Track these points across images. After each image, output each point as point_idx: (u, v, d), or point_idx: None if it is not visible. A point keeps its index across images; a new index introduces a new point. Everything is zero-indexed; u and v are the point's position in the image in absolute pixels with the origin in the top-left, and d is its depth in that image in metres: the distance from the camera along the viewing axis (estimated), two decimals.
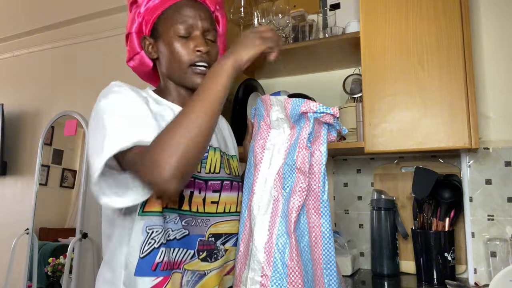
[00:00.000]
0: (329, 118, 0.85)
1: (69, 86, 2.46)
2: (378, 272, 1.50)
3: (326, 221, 0.86)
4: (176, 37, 0.92)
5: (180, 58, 0.92)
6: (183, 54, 0.92)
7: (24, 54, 2.69)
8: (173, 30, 0.92)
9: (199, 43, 0.92)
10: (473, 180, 1.48)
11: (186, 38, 0.93)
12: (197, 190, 0.91)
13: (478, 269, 1.43)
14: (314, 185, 0.86)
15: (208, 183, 0.93)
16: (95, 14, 2.39)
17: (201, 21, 0.94)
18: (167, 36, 0.93)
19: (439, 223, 1.42)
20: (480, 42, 1.53)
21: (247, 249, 0.87)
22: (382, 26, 1.37)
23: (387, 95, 1.34)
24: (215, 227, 0.94)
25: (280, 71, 1.84)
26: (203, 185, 0.92)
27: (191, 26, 0.93)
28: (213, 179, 0.95)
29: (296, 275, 0.78)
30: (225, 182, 0.97)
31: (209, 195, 0.93)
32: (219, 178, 0.96)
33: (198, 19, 0.93)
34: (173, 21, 0.93)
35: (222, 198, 0.96)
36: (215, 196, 0.95)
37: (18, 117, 2.61)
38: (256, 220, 0.85)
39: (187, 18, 0.92)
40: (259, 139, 0.93)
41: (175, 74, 0.95)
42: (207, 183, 0.93)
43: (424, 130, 1.28)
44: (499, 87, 1.49)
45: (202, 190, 0.92)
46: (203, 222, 0.92)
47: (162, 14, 0.95)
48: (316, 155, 0.86)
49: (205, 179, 0.93)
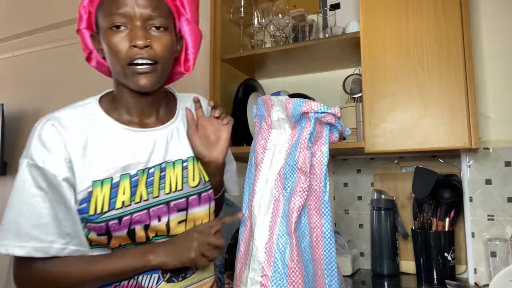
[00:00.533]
0: (330, 118, 0.85)
1: (69, 86, 2.46)
2: (378, 272, 1.50)
3: (327, 221, 0.86)
4: (111, 30, 0.80)
5: (116, 55, 0.80)
6: (118, 50, 0.79)
7: (24, 54, 2.69)
8: (107, 21, 0.80)
9: (135, 36, 0.78)
10: (473, 180, 1.48)
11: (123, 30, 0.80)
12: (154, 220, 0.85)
13: (478, 269, 1.43)
14: (315, 185, 0.86)
15: (170, 204, 0.87)
16: None
17: (138, 8, 0.79)
18: (103, 30, 0.81)
19: (439, 223, 1.42)
20: (480, 42, 1.53)
21: (247, 249, 0.87)
22: (382, 26, 1.37)
23: (387, 95, 1.34)
24: None
25: (280, 71, 1.84)
26: (164, 208, 0.86)
27: (127, 16, 0.79)
28: (175, 199, 0.88)
29: (296, 275, 0.78)
30: (191, 198, 0.90)
31: (174, 216, 0.87)
32: (182, 195, 0.89)
33: (135, 5, 0.79)
34: (108, 11, 0.80)
35: (190, 215, 0.90)
36: (182, 214, 0.89)
37: (18, 117, 2.61)
38: (256, 220, 0.84)
39: (121, 7, 0.79)
40: (260, 139, 0.93)
41: (117, 75, 0.85)
42: (169, 205, 0.87)
43: (424, 130, 1.28)
44: (499, 87, 1.49)
45: (163, 216, 0.86)
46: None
47: (99, 4, 0.82)
48: (318, 155, 0.86)
49: (165, 201, 0.87)
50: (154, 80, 0.83)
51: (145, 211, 0.84)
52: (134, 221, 0.83)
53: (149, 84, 0.82)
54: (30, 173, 0.77)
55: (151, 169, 0.86)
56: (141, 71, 0.80)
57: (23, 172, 0.78)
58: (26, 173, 0.77)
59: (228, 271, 1.46)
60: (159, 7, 0.82)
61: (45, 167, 0.77)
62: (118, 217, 0.81)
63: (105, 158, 0.82)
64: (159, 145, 0.88)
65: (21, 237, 0.75)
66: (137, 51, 0.79)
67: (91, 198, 0.80)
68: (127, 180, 0.83)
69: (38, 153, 0.78)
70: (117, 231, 0.82)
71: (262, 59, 1.66)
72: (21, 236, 0.75)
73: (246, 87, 1.66)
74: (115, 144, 0.84)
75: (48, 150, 0.78)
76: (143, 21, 0.80)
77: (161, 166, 0.88)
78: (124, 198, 0.82)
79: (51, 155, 0.78)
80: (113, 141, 0.84)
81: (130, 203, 0.83)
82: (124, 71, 0.81)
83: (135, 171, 0.84)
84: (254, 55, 1.61)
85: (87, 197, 0.80)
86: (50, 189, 0.77)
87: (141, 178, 0.85)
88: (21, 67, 2.70)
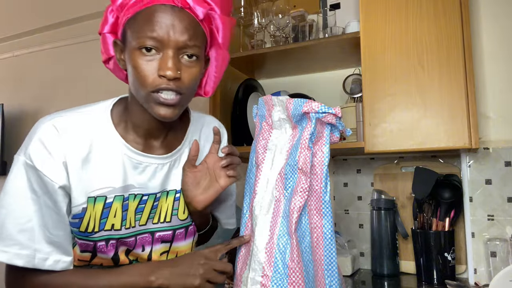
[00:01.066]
0: (331, 118, 0.84)
1: (69, 86, 2.46)
2: (378, 272, 1.50)
3: (328, 222, 0.85)
4: (139, 51, 0.73)
5: (142, 79, 0.73)
6: (145, 75, 0.73)
7: (24, 54, 2.69)
8: (138, 42, 0.73)
9: (165, 66, 0.72)
10: (473, 180, 1.48)
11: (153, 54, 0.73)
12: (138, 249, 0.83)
13: (478, 269, 1.43)
14: (316, 185, 0.86)
15: (155, 235, 0.85)
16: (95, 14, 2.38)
17: (174, 34, 0.72)
18: (132, 49, 0.74)
19: (439, 223, 1.42)
20: (480, 42, 1.53)
21: (248, 249, 0.87)
22: (382, 26, 1.37)
23: (387, 95, 1.34)
24: None
25: (280, 71, 1.84)
26: (149, 238, 0.84)
27: (161, 40, 0.72)
28: (162, 230, 0.86)
29: (297, 276, 0.78)
30: (178, 231, 0.87)
31: (158, 247, 0.86)
32: (170, 228, 0.87)
33: (171, 32, 0.72)
34: (140, 30, 0.73)
35: (174, 247, 0.88)
36: (165, 246, 0.87)
37: (18, 117, 2.60)
38: (257, 220, 0.84)
39: (156, 30, 0.72)
40: (261, 139, 0.92)
41: (138, 97, 0.78)
42: (154, 235, 0.85)
43: (424, 130, 1.28)
44: (499, 87, 1.49)
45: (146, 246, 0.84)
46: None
47: (131, 18, 0.75)
48: (319, 155, 0.86)
49: (151, 231, 0.85)
50: (177, 112, 0.78)
51: (132, 238, 0.82)
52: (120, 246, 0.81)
53: (171, 115, 0.76)
54: (26, 174, 0.73)
55: (145, 197, 0.83)
56: (164, 102, 0.74)
57: (18, 170, 0.73)
58: (21, 172, 0.73)
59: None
60: (195, 35, 0.75)
61: (42, 171, 0.73)
62: (106, 239, 0.79)
63: (103, 175, 0.78)
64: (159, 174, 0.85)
65: (5, 240, 0.71)
66: (165, 82, 0.72)
67: (84, 215, 0.77)
68: (119, 202, 0.80)
69: (37, 155, 0.73)
70: (103, 253, 0.80)
71: (262, 59, 1.66)
72: (5, 239, 0.71)
73: (246, 87, 1.66)
74: (115, 164, 0.79)
75: (48, 153, 0.74)
76: (176, 49, 0.73)
77: (156, 195, 0.85)
78: (114, 221, 0.79)
79: (50, 159, 0.74)
80: (113, 160, 0.80)
81: (121, 228, 0.80)
82: (147, 97, 0.75)
83: (127, 195, 0.81)
84: (254, 55, 1.61)
85: (81, 213, 0.77)
86: (44, 193, 0.73)
87: (132, 203, 0.82)
88: (21, 67, 2.69)
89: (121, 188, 0.80)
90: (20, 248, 0.71)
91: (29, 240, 0.72)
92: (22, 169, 0.73)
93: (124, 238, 0.82)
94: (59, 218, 0.75)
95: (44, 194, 0.73)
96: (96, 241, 0.79)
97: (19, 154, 0.75)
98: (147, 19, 0.73)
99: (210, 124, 0.97)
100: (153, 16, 0.72)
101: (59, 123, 0.76)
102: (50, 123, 0.76)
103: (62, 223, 0.76)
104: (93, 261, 0.82)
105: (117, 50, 0.80)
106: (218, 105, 1.62)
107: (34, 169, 0.73)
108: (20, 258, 0.71)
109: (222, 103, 1.63)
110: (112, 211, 0.79)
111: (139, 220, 0.83)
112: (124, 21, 0.76)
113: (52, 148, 0.74)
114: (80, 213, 0.77)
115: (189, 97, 0.79)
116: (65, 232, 0.76)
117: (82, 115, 0.80)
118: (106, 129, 0.80)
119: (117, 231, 0.80)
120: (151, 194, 0.84)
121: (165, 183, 0.86)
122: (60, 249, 0.75)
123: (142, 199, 0.83)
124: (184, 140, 0.90)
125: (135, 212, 0.82)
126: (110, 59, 0.85)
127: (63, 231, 0.76)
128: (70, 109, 0.81)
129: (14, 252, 0.71)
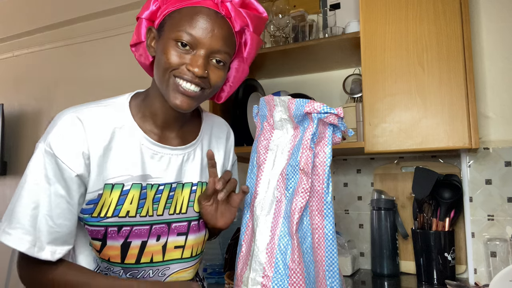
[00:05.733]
0: (333, 119, 0.84)
1: (69, 86, 2.46)
2: (378, 272, 1.51)
3: (330, 222, 0.85)
4: (176, 44, 0.77)
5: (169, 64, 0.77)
6: (172, 61, 0.77)
7: (24, 54, 2.69)
8: (176, 35, 0.77)
9: (196, 63, 0.77)
10: (473, 180, 1.48)
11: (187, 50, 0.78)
12: (153, 238, 0.84)
13: (478, 269, 1.43)
14: (317, 186, 0.85)
15: (171, 225, 0.86)
16: (95, 14, 2.39)
17: (211, 39, 0.77)
18: (168, 38, 0.79)
19: (439, 223, 1.42)
20: (480, 42, 1.53)
21: (248, 249, 0.87)
22: (382, 26, 1.37)
23: (387, 95, 1.34)
24: (175, 275, 0.87)
25: (280, 71, 1.84)
26: (165, 229, 0.85)
27: (197, 40, 0.77)
28: (178, 221, 0.87)
29: (297, 277, 0.78)
30: (193, 223, 0.89)
31: (173, 239, 0.86)
32: (185, 219, 0.88)
33: (209, 35, 0.77)
34: (181, 25, 0.77)
35: (189, 241, 0.88)
36: (181, 240, 0.87)
37: (18, 117, 2.60)
38: (258, 221, 0.84)
39: (196, 29, 0.77)
40: (262, 140, 0.92)
41: (159, 82, 0.81)
42: (170, 226, 0.86)
43: (424, 130, 1.28)
44: (499, 87, 1.49)
45: (162, 236, 0.85)
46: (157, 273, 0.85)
47: (175, 11, 0.80)
48: (321, 156, 0.86)
49: (167, 221, 0.86)
50: (193, 105, 0.81)
51: (147, 227, 0.83)
52: (133, 233, 0.82)
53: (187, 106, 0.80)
54: (43, 160, 0.76)
55: (161, 187, 0.85)
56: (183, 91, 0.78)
57: (37, 157, 0.76)
58: (39, 159, 0.76)
59: (228, 271, 1.46)
60: (229, 43, 0.81)
61: (61, 158, 0.75)
62: (118, 225, 0.80)
63: (122, 163, 0.81)
64: (173, 164, 0.87)
65: (12, 222, 0.75)
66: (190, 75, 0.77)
67: (99, 201, 0.79)
68: (137, 190, 0.82)
69: (57, 143, 0.76)
70: (113, 239, 0.80)
71: (262, 59, 1.66)
72: (13, 221, 0.75)
73: (246, 87, 1.66)
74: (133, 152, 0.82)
75: (68, 141, 0.76)
76: (210, 52, 0.78)
77: (171, 185, 0.87)
78: (130, 208, 0.81)
79: (70, 147, 0.76)
80: (132, 148, 0.82)
81: (136, 215, 0.82)
82: (168, 81, 0.79)
83: (145, 184, 0.83)
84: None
85: (96, 199, 0.79)
86: (57, 180, 0.76)
87: (149, 193, 0.84)
88: (21, 67, 2.70)
89: (139, 176, 0.82)
90: (24, 232, 0.74)
91: (31, 227, 0.75)
92: (41, 156, 0.76)
93: (138, 225, 0.82)
94: (69, 207, 0.77)
95: (57, 182, 0.76)
96: (108, 226, 0.80)
97: (40, 142, 0.78)
98: (190, 17, 0.77)
99: (220, 125, 1.01)
100: (197, 15, 0.77)
101: (81, 114, 0.79)
102: (73, 115, 0.79)
103: (71, 212, 0.78)
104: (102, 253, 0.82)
105: (149, 37, 0.84)
106: (218, 105, 1.62)
107: (53, 156, 0.76)
108: (23, 243, 0.74)
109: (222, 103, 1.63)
110: (128, 198, 0.81)
111: (156, 210, 0.85)
112: (167, 12, 0.81)
113: (73, 137, 0.77)
114: (96, 198, 0.80)
115: (207, 96, 0.84)
116: (70, 223, 0.79)
117: (102, 107, 0.83)
118: (125, 120, 0.84)
119: (131, 218, 0.82)
120: (167, 184, 0.86)
121: (180, 175, 0.88)
122: (59, 240, 0.77)
123: (158, 188, 0.85)
124: (198, 136, 0.93)
125: (153, 201, 0.84)
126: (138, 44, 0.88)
127: (69, 221, 0.78)
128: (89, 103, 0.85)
129: (18, 236, 0.74)
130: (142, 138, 0.84)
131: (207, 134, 0.96)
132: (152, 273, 0.85)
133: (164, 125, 0.87)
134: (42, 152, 0.76)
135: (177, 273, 0.87)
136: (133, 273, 0.84)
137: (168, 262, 0.86)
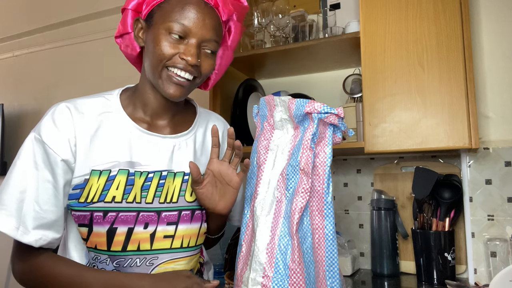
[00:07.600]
0: (333, 119, 0.84)
1: (69, 86, 2.46)
2: (378, 272, 1.50)
3: (330, 223, 0.85)
4: (167, 34, 0.80)
5: (162, 55, 0.80)
6: (165, 52, 0.79)
7: (24, 54, 2.69)
8: (167, 25, 0.80)
9: (189, 52, 0.80)
10: (473, 180, 1.48)
11: (178, 39, 0.80)
12: (140, 226, 0.83)
13: (478, 269, 1.43)
14: (318, 186, 0.85)
15: (161, 214, 0.85)
16: (95, 14, 2.39)
17: (202, 28, 0.80)
18: (158, 29, 0.81)
19: (439, 223, 1.42)
20: (480, 42, 1.53)
21: (249, 249, 0.87)
22: (382, 26, 1.37)
23: (387, 95, 1.34)
24: (164, 265, 0.86)
25: (280, 71, 1.84)
26: (154, 217, 0.84)
27: (189, 30, 0.80)
28: (168, 210, 0.86)
29: (298, 277, 0.78)
30: (184, 213, 0.88)
31: (162, 228, 0.85)
32: (176, 208, 0.87)
33: (200, 24, 0.80)
34: (172, 16, 0.80)
35: (179, 231, 0.87)
36: (170, 229, 0.86)
37: (18, 117, 2.61)
38: (259, 221, 0.84)
39: (187, 19, 0.79)
40: (262, 140, 0.92)
41: (151, 73, 0.84)
42: (160, 215, 0.85)
43: (424, 130, 1.28)
44: (499, 87, 1.49)
45: (151, 224, 0.84)
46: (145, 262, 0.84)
47: (164, 1, 0.82)
48: (321, 156, 0.86)
49: (157, 210, 0.85)
50: (185, 94, 0.85)
51: (133, 213, 0.83)
52: (119, 220, 0.81)
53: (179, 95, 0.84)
54: (32, 147, 0.79)
55: (151, 174, 0.86)
56: (176, 82, 0.82)
57: (26, 143, 0.80)
58: (29, 146, 0.79)
59: (228, 271, 1.46)
60: (219, 33, 0.85)
61: (48, 143, 0.79)
62: (104, 211, 0.81)
63: (109, 150, 0.83)
64: (163, 152, 0.88)
65: None
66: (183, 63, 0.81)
67: (86, 186, 0.81)
68: (124, 176, 0.83)
69: (46, 129, 0.80)
70: (99, 224, 0.80)
71: (262, 59, 1.66)
72: None
73: (246, 87, 1.66)
74: (121, 139, 0.84)
75: (56, 128, 0.80)
76: (201, 41, 0.82)
77: (161, 173, 0.87)
78: (116, 193, 0.82)
79: (57, 134, 0.79)
80: (120, 136, 0.85)
81: (122, 201, 0.82)
82: (161, 73, 0.82)
83: (133, 171, 0.84)
84: (254, 55, 1.61)
85: (82, 184, 0.81)
86: (45, 166, 0.78)
87: (138, 180, 0.84)
88: (21, 67, 2.70)
89: (126, 163, 0.84)
90: (8, 214, 0.76)
91: (16, 211, 0.76)
92: (30, 143, 0.80)
93: (124, 211, 0.82)
94: (55, 194, 0.79)
95: (45, 168, 0.78)
96: (93, 211, 0.81)
97: (32, 131, 0.82)
98: (181, 7, 0.80)
99: (217, 121, 1.03)
100: (188, 5, 0.80)
101: (71, 104, 0.84)
102: (63, 104, 0.83)
103: (57, 199, 0.80)
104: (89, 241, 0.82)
105: (136, 28, 0.87)
106: (218, 105, 1.62)
107: (41, 143, 0.79)
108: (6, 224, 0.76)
109: (222, 103, 1.63)
110: (114, 184, 0.82)
111: (145, 198, 0.85)
112: (155, 3, 0.83)
113: (61, 124, 0.80)
114: (82, 183, 0.81)
115: (197, 84, 0.87)
116: (57, 209, 0.80)
117: (95, 98, 0.88)
118: (114, 109, 0.87)
119: (117, 203, 0.82)
120: (157, 172, 0.87)
121: (170, 164, 0.89)
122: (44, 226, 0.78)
123: (148, 176, 0.86)
124: (191, 128, 0.94)
125: (141, 189, 0.85)
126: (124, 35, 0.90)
127: (56, 207, 0.80)
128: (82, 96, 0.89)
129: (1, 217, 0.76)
130: (131, 126, 0.86)
131: (201, 127, 0.98)
132: (140, 262, 0.83)
133: (154, 115, 0.89)
134: (32, 139, 0.80)
135: (166, 263, 0.86)
136: (120, 261, 0.83)
137: (156, 252, 0.85)
